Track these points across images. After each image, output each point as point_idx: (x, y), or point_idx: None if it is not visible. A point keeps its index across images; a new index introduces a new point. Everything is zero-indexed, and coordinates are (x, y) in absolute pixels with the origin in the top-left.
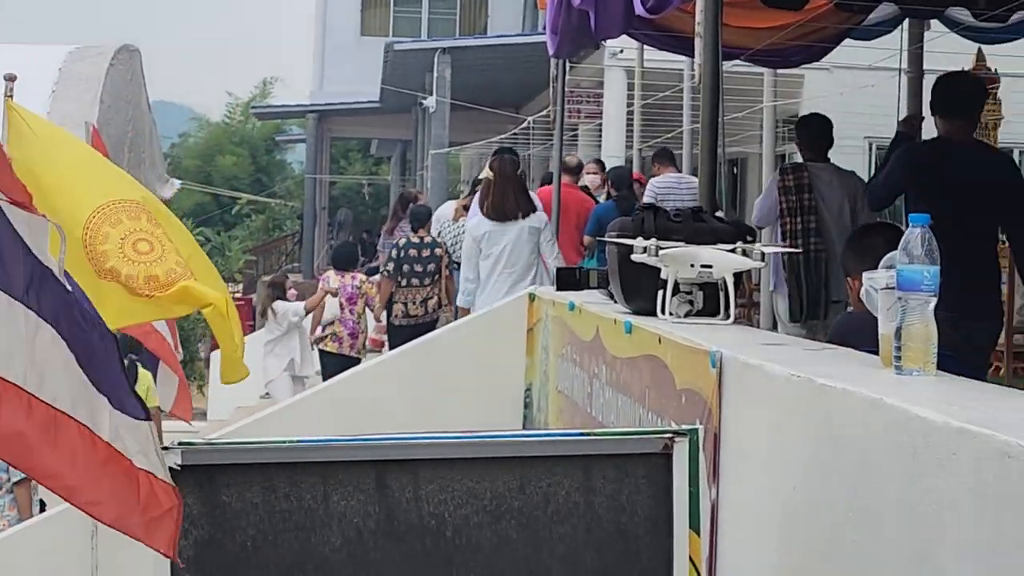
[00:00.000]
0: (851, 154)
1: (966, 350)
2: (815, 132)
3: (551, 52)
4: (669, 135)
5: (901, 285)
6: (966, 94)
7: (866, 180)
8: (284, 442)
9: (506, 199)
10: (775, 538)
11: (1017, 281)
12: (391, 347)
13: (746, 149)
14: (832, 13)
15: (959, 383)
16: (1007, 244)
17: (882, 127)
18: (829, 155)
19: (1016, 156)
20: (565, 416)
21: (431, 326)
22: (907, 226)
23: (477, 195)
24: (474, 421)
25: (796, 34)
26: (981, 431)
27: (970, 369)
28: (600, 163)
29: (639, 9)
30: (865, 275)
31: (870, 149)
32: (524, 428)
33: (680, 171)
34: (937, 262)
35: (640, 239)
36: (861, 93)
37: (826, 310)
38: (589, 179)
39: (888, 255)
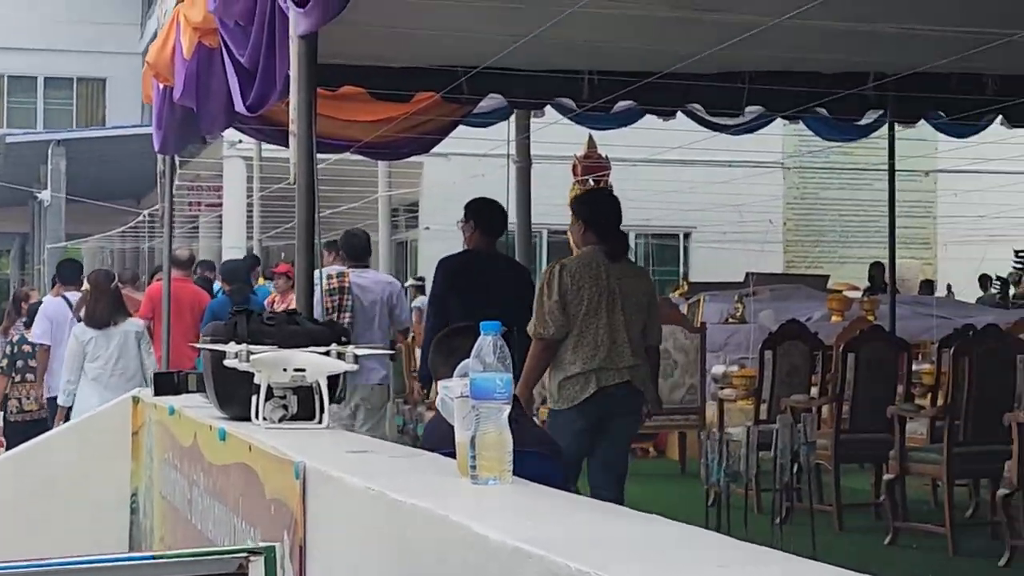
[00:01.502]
0: None
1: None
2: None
3: (156, 147)
4: (289, 225)
5: (475, 393)
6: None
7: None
8: None
9: (99, 308)
10: None
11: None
12: (8, 445)
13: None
14: (440, 105)
15: (535, 494)
16: None
17: None
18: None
19: (632, 239)
20: (168, 523)
21: (46, 422)
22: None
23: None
24: (79, 526)
25: (405, 126)
26: (535, 551)
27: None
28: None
29: (239, 106)
30: (440, 383)
31: None
32: (131, 535)
33: None
34: (511, 369)
35: (232, 343)
36: (476, 181)
37: None
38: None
39: (463, 362)
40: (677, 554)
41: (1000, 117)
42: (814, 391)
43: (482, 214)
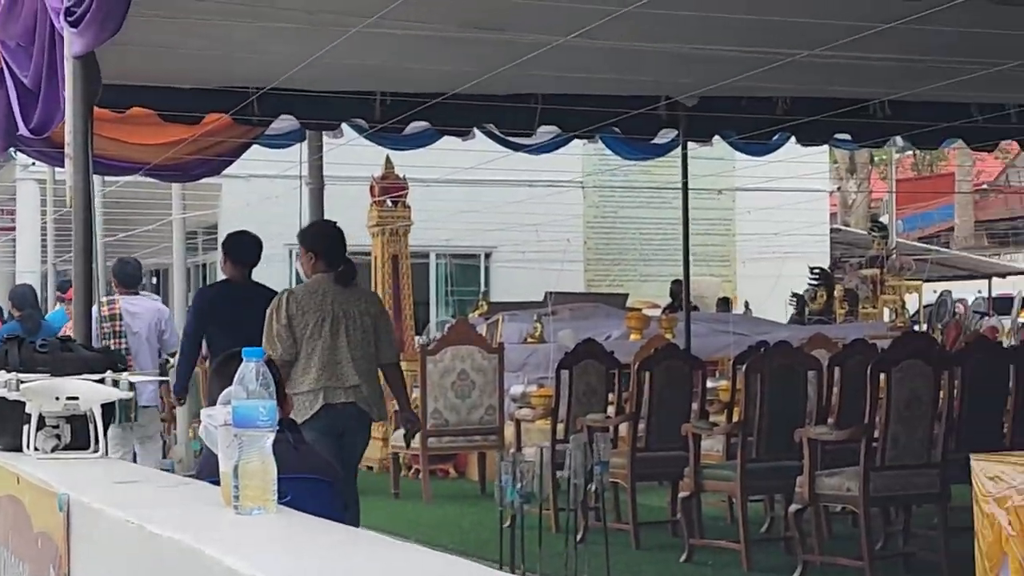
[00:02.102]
0: (275, 262)
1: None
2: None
3: None
4: None
5: (237, 421)
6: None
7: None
8: None
9: None
10: None
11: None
12: None
13: (165, 260)
14: (231, 126)
15: (298, 525)
16: None
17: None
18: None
19: (432, 259)
20: None
21: None
22: None
23: None
24: None
25: (196, 147)
26: None
27: None
28: None
29: (23, 128)
30: (203, 412)
31: (290, 255)
32: None
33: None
34: (274, 396)
35: (3, 372)
36: (271, 203)
37: None
38: None
39: (226, 390)
40: None
41: (792, 137)
42: (611, 410)
43: (233, 246)
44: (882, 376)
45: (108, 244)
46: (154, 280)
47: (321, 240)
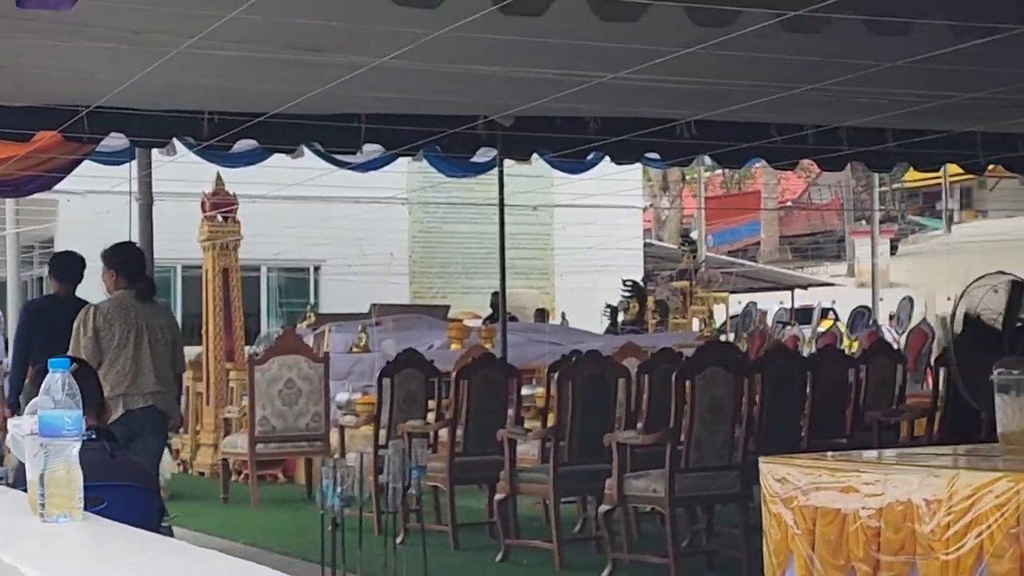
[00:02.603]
0: None
1: None
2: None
3: None
4: None
5: (42, 431)
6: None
7: None
8: None
9: None
10: None
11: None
12: None
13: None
14: (61, 144)
15: (100, 531)
16: None
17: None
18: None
19: (263, 272)
20: None
21: None
22: None
23: None
24: None
25: (27, 164)
26: None
27: None
28: None
29: None
30: (10, 421)
31: None
32: None
33: None
34: (80, 406)
35: None
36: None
37: None
38: None
39: (33, 400)
40: None
41: (607, 156)
42: (431, 416)
43: (56, 266)
44: (687, 383)
45: None
46: None
47: (122, 259)
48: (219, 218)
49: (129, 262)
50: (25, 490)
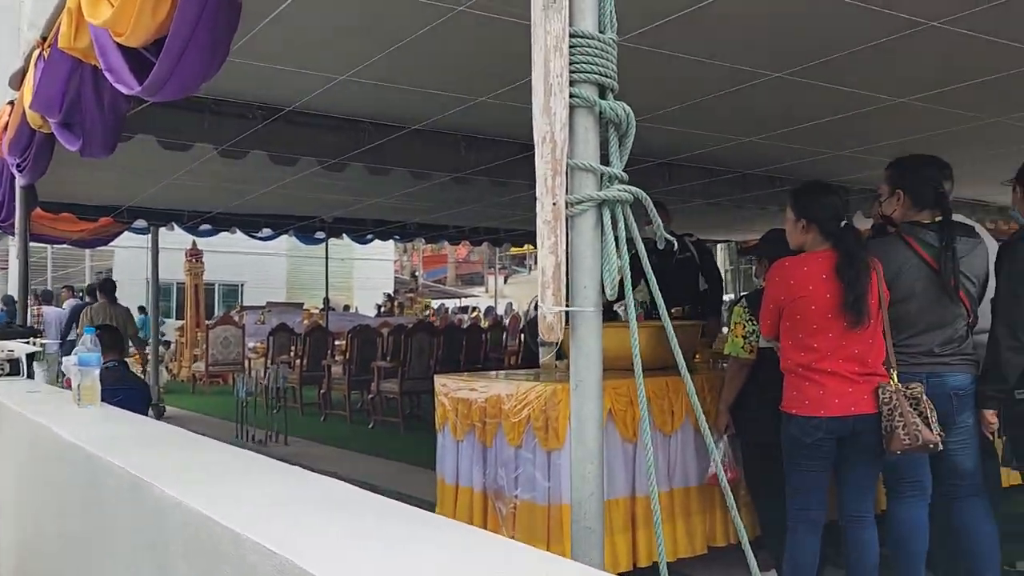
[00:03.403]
0: None
1: None
2: None
3: None
4: None
5: (80, 363)
6: (110, 286)
7: None
8: None
9: None
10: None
11: None
12: None
13: None
14: (112, 223)
15: (110, 412)
16: None
17: None
18: None
19: (217, 286)
20: None
21: None
22: None
23: None
24: None
25: (94, 233)
26: (75, 442)
27: None
28: None
29: None
30: (65, 359)
31: None
32: None
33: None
34: (99, 350)
35: None
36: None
37: None
38: None
39: (76, 348)
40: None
41: (376, 237)
42: (292, 353)
43: (103, 284)
44: (410, 338)
45: None
46: None
47: (106, 286)
48: (194, 260)
49: (107, 287)
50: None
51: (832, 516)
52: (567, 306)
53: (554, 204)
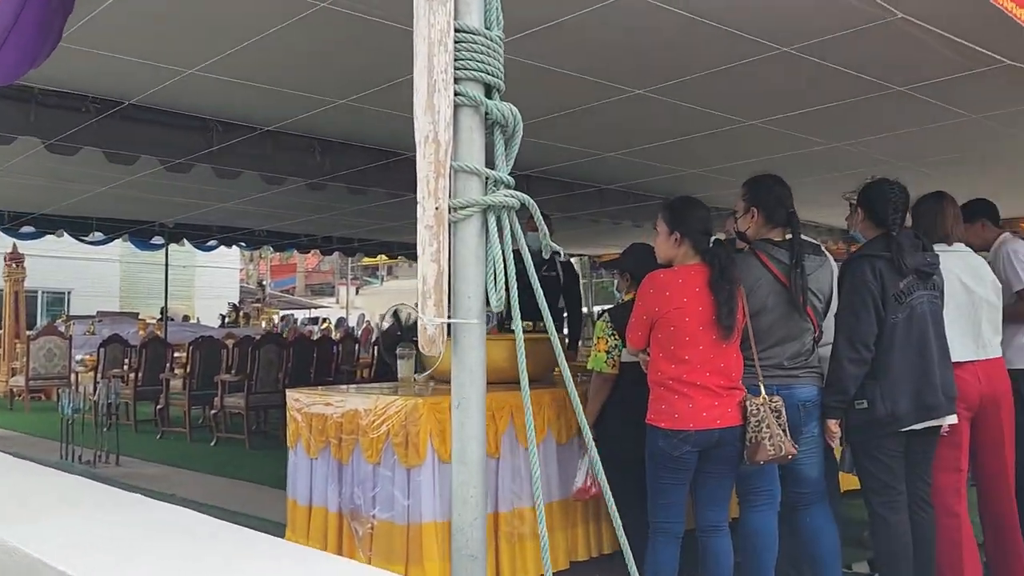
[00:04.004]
0: None
1: None
2: None
3: None
4: None
5: None
6: None
7: None
8: None
9: None
10: None
11: None
12: None
13: None
14: None
15: None
16: None
17: None
18: None
19: (40, 294)
20: None
21: None
22: None
23: None
24: None
25: None
26: None
27: None
28: None
29: None
30: None
31: None
32: None
33: None
34: None
35: None
36: None
37: None
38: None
39: None
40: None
41: (221, 243)
42: (126, 367)
43: None
44: (257, 350)
45: None
46: None
47: None
48: (14, 264)
49: None
50: None
51: (689, 525)
52: (449, 317)
53: (437, 208)
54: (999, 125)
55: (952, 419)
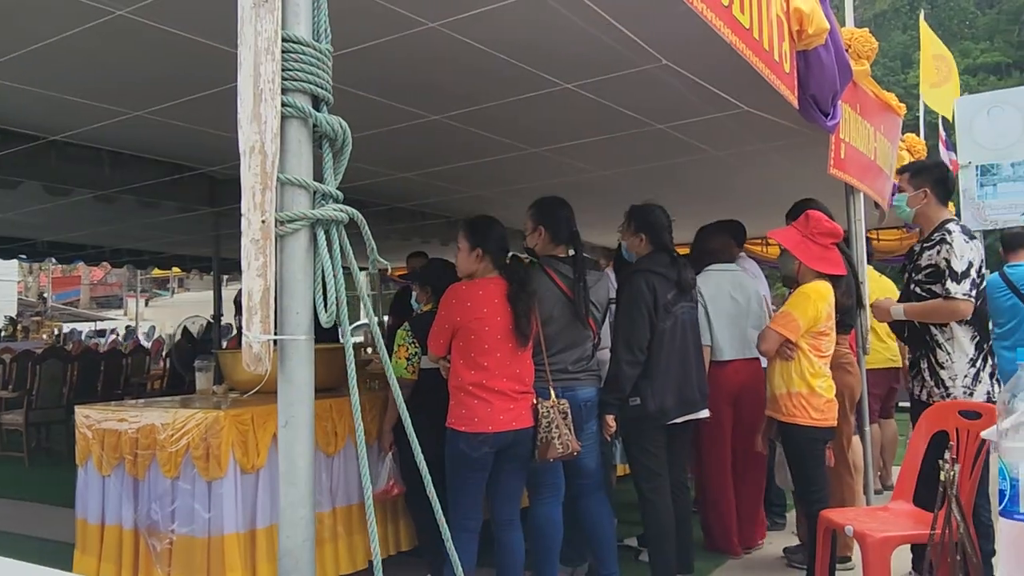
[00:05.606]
0: None
1: None
2: None
3: None
4: None
5: None
6: None
7: None
8: None
9: None
10: None
11: None
12: None
13: None
14: None
15: None
16: None
17: None
18: None
19: None
20: None
21: None
22: None
23: None
24: None
25: None
26: None
27: None
28: None
29: None
30: None
31: None
32: None
33: None
34: None
35: None
36: None
37: None
38: None
39: None
40: None
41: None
42: None
43: None
44: (38, 366)
45: None
46: None
47: None
48: None
49: None
50: None
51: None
52: (276, 334)
53: (263, 222)
54: (736, 161)
55: (705, 413)
